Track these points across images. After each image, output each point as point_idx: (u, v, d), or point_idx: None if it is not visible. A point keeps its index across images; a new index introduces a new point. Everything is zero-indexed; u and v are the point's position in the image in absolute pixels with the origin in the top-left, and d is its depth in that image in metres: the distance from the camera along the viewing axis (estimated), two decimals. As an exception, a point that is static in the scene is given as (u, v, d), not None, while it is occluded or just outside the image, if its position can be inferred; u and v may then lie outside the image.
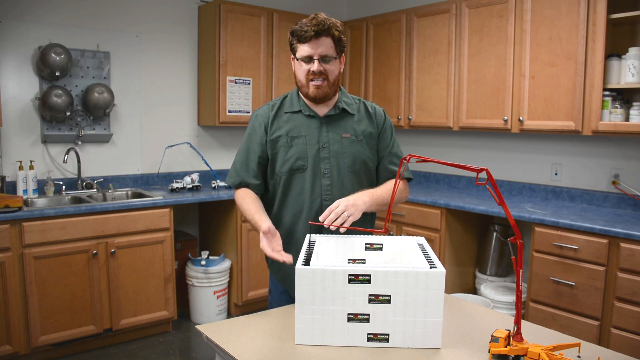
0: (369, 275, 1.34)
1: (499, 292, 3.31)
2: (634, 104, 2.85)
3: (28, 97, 3.40)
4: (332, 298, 1.35)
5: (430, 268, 1.36)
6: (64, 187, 3.50)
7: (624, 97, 2.97)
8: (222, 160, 4.28)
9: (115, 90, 3.66)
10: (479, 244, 3.73)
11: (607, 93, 2.90)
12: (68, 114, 3.41)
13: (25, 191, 3.30)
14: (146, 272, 3.32)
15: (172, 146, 3.99)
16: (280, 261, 1.57)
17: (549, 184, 3.53)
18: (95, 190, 3.59)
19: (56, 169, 3.55)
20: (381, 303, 1.35)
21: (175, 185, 3.70)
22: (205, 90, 4.04)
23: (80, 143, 3.60)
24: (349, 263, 1.64)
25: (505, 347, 1.28)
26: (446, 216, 3.42)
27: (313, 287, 1.35)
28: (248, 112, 4.03)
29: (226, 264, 3.74)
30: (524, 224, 3.34)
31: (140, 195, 3.59)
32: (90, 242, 3.08)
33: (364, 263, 1.63)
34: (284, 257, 1.58)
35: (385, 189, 1.82)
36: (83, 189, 3.57)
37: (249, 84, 4.01)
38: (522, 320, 1.45)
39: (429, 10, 3.79)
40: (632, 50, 2.81)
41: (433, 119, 3.82)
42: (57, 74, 3.32)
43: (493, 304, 3.22)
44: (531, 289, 2.94)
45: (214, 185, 3.92)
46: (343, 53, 1.81)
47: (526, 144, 3.64)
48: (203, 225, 4.20)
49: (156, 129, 3.96)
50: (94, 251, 3.09)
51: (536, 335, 1.48)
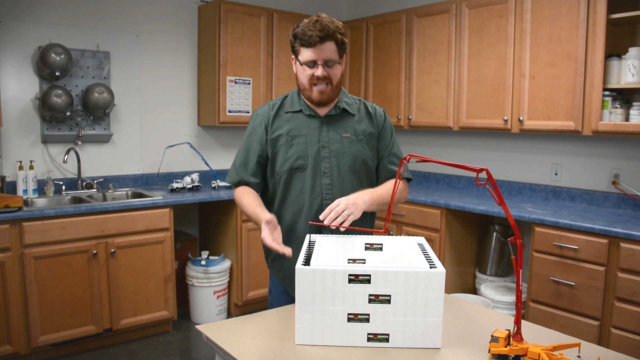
0: (369, 275, 1.34)
1: (499, 292, 3.31)
2: (634, 104, 2.85)
3: (28, 97, 3.40)
4: (332, 298, 1.35)
5: (430, 268, 1.36)
6: (64, 187, 3.50)
7: (624, 97, 2.97)
8: (222, 160, 4.28)
9: (115, 90, 3.67)
10: (479, 244, 3.73)
11: (607, 93, 2.90)
12: (68, 114, 3.41)
13: (25, 191, 3.30)
14: (146, 272, 3.32)
15: (172, 146, 3.99)
16: (280, 252, 1.58)
17: (549, 184, 3.53)
18: (95, 190, 3.59)
19: (56, 169, 3.56)
20: (381, 303, 1.35)
21: (175, 185, 3.70)
22: (205, 90, 4.04)
23: (80, 143, 3.60)
24: (349, 263, 1.64)
25: (505, 347, 1.28)
26: (446, 216, 3.42)
27: (313, 287, 1.35)
28: (248, 112, 4.03)
29: (226, 264, 3.74)
30: (524, 224, 3.34)
31: (140, 195, 3.59)
32: (90, 242, 3.08)
33: (364, 263, 1.63)
34: (284, 249, 1.58)
35: (386, 188, 1.82)
36: (83, 189, 3.57)
37: (249, 84, 4.01)
38: (522, 320, 1.45)
39: (429, 10, 3.79)
40: (632, 50, 2.81)
41: (433, 119, 3.82)
42: (57, 74, 3.32)
43: (493, 304, 3.22)
44: (531, 289, 2.94)
45: (214, 185, 3.92)
46: (344, 55, 1.81)
47: (526, 144, 3.64)
48: (203, 225, 4.20)
49: (156, 129, 3.97)
50: (94, 251, 3.09)
51: (536, 335, 1.48)
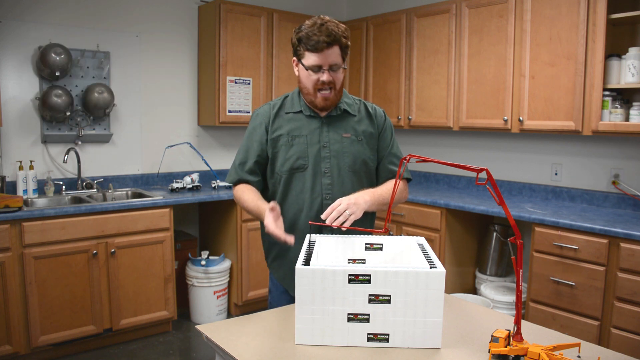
0: (369, 275, 1.34)
1: (499, 292, 3.31)
2: (634, 104, 2.85)
3: (28, 97, 3.40)
4: (332, 298, 1.35)
5: (430, 268, 1.36)
6: (64, 187, 3.50)
7: (624, 97, 2.97)
8: (222, 160, 4.28)
9: (115, 90, 3.67)
10: (479, 244, 3.73)
11: (607, 93, 2.90)
12: (68, 114, 3.41)
13: (25, 191, 3.30)
14: (146, 272, 3.32)
15: (172, 146, 3.99)
16: (282, 240, 1.59)
17: (549, 184, 3.53)
18: (95, 190, 3.59)
19: (56, 169, 3.55)
20: (381, 303, 1.35)
21: (175, 185, 3.70)
22: (205, 90, 4.04)
23: (80, 143, 3.60)
24: (349, 263, 1.64)
25: (505, 347, 1.28)
26: (446, 216, 3.42)
27: (313, 287, 1.35)
28: (248, 112, 4.03)
29: (226, 264, 3.74)
30: (524, 224, 3.34)
31: (140, 195, 3.59)
32: (90, 242, 3.08)
33: (364, 263, 1.63)
34: (287, 237, 1.60)
35: (386, 188, 1.82)
36: (83, 189, 3.57)
37: (249, 84, 4.01)
38: (522, 320, 1.45)
39: (429, 10, 3.79)
40: (632, 50, 2.81)
41: (433, 119, 3.82)
42: (57, 74, 3.32)
43: (493, 304, 3.22)
44: (531, 289, 2.94)
45: (214, 185, 3.92)
46: (347, 57, 1.82)
47: (526, 144, 3.64)
48: (203, 225, 4.20)
49: (156, 129, 3.97)
50: (94, 251, 3.09)
51: (536, 335, 1.48)
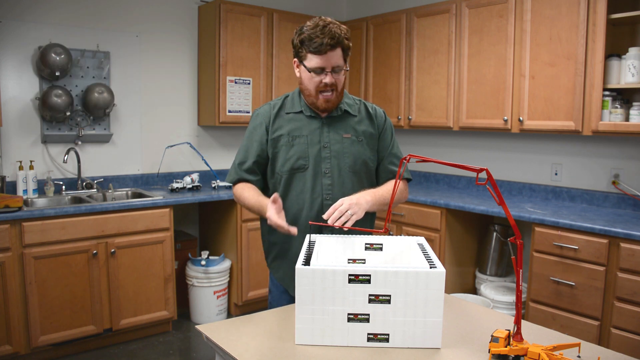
0: (369, 275, 1.34)
1: (499, 292, 3.31)
2: (634, 104, 2.85)
3: (28, 97, 3.40)
4: (332, 298, 1.35)
5: (430, 268, 1.36)
6: (64, 187, 3.50)
7: (624, 97, 2.97)
8: (222, 160, 4.28)
9: (115, 90, 3.66)
10: (479, 244, 3.73)
11: (607, 93, 2.90)
12: (68, 114, 3.41)
13: (25, 191, 3.30)
14: (146, 272, 3.32)
15: (172, 146, 3.99)
16: (285, 229, 1.61)
17: (549, 184, 3.53)
18: (95, 190, 3.59)
19: (56, 169, 3.55)
20: (381, 303, 1.35)
21: (175, 185, 3.70)
22: (205, 90, 4.04)
23: (80, 143, 3.60)
24: (349, 263, 1.63)
25: (505, 347, 1.28)
26: (446, 216, 3.42)
27: (313, 287, 1.35)
28: (248, 112, 4.03)
29: (226, 264, 3.74)
30: (524, 224, 3.34)
31: (140, 195, 3.59)
32: (90, 242, 3.08)
33: (364, 263, 1.63)
34: (290, 228, 1.62)
35: (387, 189, 1.82)
36: (83, 189, 3.57)
37: (249, 84, 4.01)
38: (522, 320, 1.45)
39: (429, 10, 3.79)
40: (632, 50, 2.81)
41: (433, 119, 3.82)
42: (57, 74, 3.32)
43: (493, 304, 3.22)
44: (531, 289, 2.94)
45: (214, 185, 3.92)
46: (348, 58, 1.82)
47: (526, 144, 3.64)
48: (203, 225, 4.20)
49: (156, 129, 3.97)
50: (94, 251, 3.09)
51: (536, 335, 1.48)
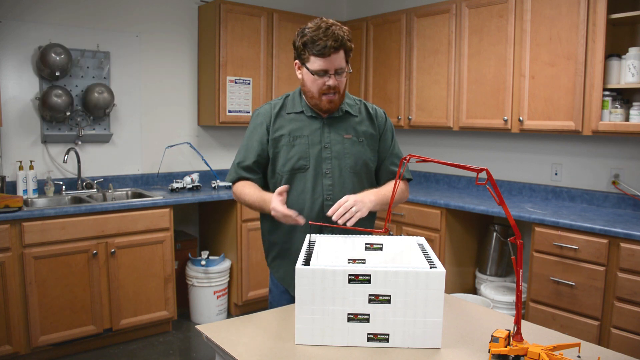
0: (369, 275, 1.34)
1: (499, 292, 3.31)
2: (634, 104, 2.85)
3: (28, 97, 3.40)
4: (332, 298, 1.35)
5: (430, 268, 1.36)
6: (64, 187, 3.50)
7: (624, 97, 2.97)
8: (222, 160, 4.28)
9: (115, 90, 3.66)
10: (479, 244, 3.73)
11: (607, 93, 2.90)
12: (68, 114, 3.41)
13: (25, 191, 3.30)
14: (146, 272, 3.32)
15: (172, 146, 3.99)
16: (293, 218, 1.63)
17: (549, 184, 3.53)
18: (95, 190, 3.59)
19: (56, 169, 3.55)
20: (381, 303, 1.35)
21: (175, 185, 3.70)
22: (205, 90, 4.04)
23: (80, 143, 3.60)
24: (349, 263, 1.63)
25: (505, 347, 1.28)
26: (446, 216, 3.42)
27: (313, 287, 1.35)
28: (248, 112, 4.03)
29: (226, 264, 3.74)
30: (524, 224, 3.34)
31: (140, 195, 3.59)
32: (90, 242, 3.08)
33: (364, 263, 1.63)
34: (299, 218, 1.63)
35: (389, 189, 1.83)
36: (83, 189, 3.57)
37: (249, 84, 4.01)
38: (522, 320, 1.45)
39: (429, 10, 3.79)
40: (632, 50, 2.81)
41: (433, 119, 3.82)
42: (57, 74, 3.32)
43: (493, 304, 3.22)
44: (531, 289, 2.94)
45: (214, 185, 3.92)
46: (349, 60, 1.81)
47: (526, 144, 3.64)
48: (203, 225, 4.20)
49: (156, 129, 3.96)
50: (94, 251, 3.09)
51: (536, 335, 1.48)
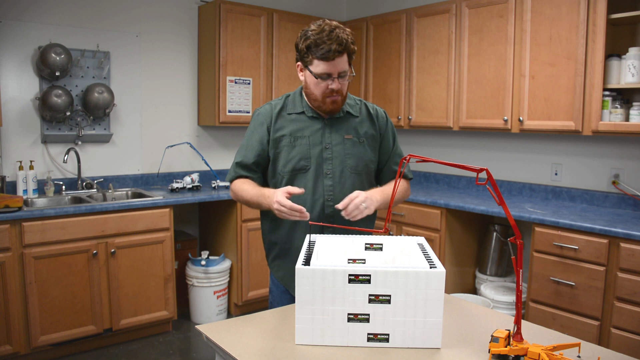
0: (369, 275, 1.34)
1: (499, 292, 3.31)
2: (634, 104, 2.85)
3: (28, 97, 3.40)
4: (332, 298, 1.35)
5: (430, 268, 1.36)
6: (64, 187, 3.50)
7: (624, 97, 2.97)
8: (222, 160, 4.28)
9: (115, 90, 3.66)
10: (479, 244, 3.72)
11: (607, 93, 2.90)
12: (68, 114, 3.41)
13: (25, 191, 3.30)
14: (146, 272, 3.32)
15: (172, 146, 3.99)
16: (298, 213, 1.61)
17: (549, 184, 3.53)
18: (95, 190, 3.59)
19: (56, 169, 3.55)
20: (381, 303, 1.35)
21: (175, 185, 3.70)
22: (205, 90, 4.04)
23: (80, 143, 3.60)
24: (349, 263, 1.63)
25: (505, 347, 1.28)
26: (446, 216, 3.42)
27: (313, 287, 1.35)
28: (248, 112, 4.03)
29: (226, 264, 3.74)
30: (524, 224, 3.34)
31: (140, 195, 3.59)
32: (90, 242, 3.08)
33: (364, 263, 1.63)
34: (305, 214, 1.62)
35: (392, 188, 1.83)
36: (83, 189, 3.57)
37: (249, 84, 4.01)
38: (522, 320, 1.45)
39: (429, 10, 3.79)
40: (632, 50, 2.81)
41: (433, 119, 3.82)
42: (57, 74, 3.32)
43: (493, 304, 3.22)
44: (531, 289, 2.94)
45: (214, 185, 3.92)
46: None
47: (526, 144, 3.64)
48: (203, 225, 4.20)
49: (156, 129, 3.96)
50: (94, 251, 3.09)
51: (536, 335, 1.48)
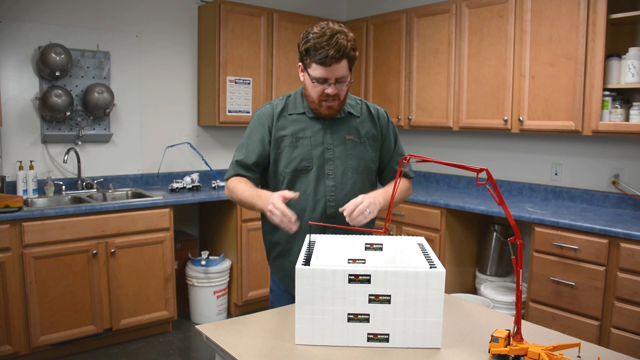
0: (369, 275, 1.34)
1: (499, 292, 3.31)
2: (634, 104, 2.85)
3: (28, 97, 3.40)
4: (332, 298, 1.35)
5: (430, 268, 1.36)
6: (64, 187, 3.50)
7: (624, 97, 2.97)
8: (222, 160, 4.28)
9: (115, 90, 3.66)
10: (479, 244, 3.72)
11: (607, 93, 2.90)
12: (68, 114, 3.41)
13: (25, 191, 3.30)
14: (146, 272, 3.32)
15: (172, 146, 3.99)
16: (289, 220, 1.57)
17: (549, 184, 3.53)
18: (95, 190, 3.59)
19: (56, 169, 3.55)
20: (381, 303, 1.35)
21: (175, 185, 3.70)
22: (205, 90, 4.04)
23: (80, 143, 3.60)
24: (349, 263, 1.63)
25: (505, 347, 1.28)
26: (446, 216, 3.42)
27: (313, 287, 1.35)
28: (248, 112, 4.03)
29: (226, 264, 3.74)
30: (524, 224, 3.34)
31: (140, 195, 3.59)
32: (90, 242, 3.08)
33: (364, 263, 1.63)
34: (294, 225, 1.58)
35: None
36: (83, 189, 3.57)
37: (249, 84, 4.01)
38: (522, 320, 1.45)
39: (429, 10, 3.79)
40: (632, 50, 2.81)
41: (433, 119, 3.82)
42: (57, 74, 3.32)
43: (493, 304, 3.22)
44: (531, 289, 2.94)
45: (214, 185, 3.92)
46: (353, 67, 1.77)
47: (526, 144, 3.64)
48: (203, 225, 4.20)
49: (156, 129, 3.96)
50: (94, 251, 3.09)
51: (536, 335, 1.48)
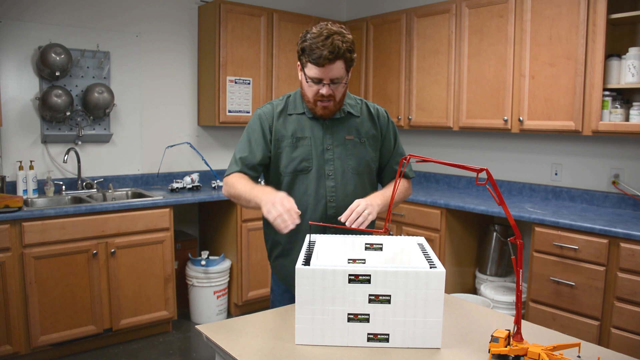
0: (369, 275, 1.34)
1: (499, 292, 3.31)
2: (634, 104, 2.85)
3: (28, 97, 3.40)
4: (332, 298, 1.35)
5: (430, 268, 1.36)
6: (64, 187, 3.50)
7: (624, 97, 2.97)
8: (222, 160, 4.28)
9: (115, 90, 3.66)
10: (479, 244, 3.72)
11: (607, 93, 2.90)
12: (68, 114, 3.41)
13: (25, 191, 3.30)
14: (146, 272, 3.32)
15: (172, 146, 3.99)
16: (288, 217, 1.53)
17: (549, 184, 3.53)
18: (95, 190, 3.59)
19: (56, 169, 3.55)
20: (381, 303, 1.35)
21: (175, 185, 3.70)
22: (205, 90, 4.04)
23: (80, 143, 3.60)
24: (349, 263, 1.64)
25: (505, 347, 1.28)
26: (446, 216, 3.42)
27: (313, 287, 1.35)
28: (248, 112, 4.03)
29: (226, 264, 3.74)
30: (524, 224, 3.34)
31: (140, 195, 3.59)
32: (90, 242, 3.08)
33: (364, 263, 1.63)
34: (291, 224, 1.53)
35: (392, 189, 1.82)
36: (83, 189, 3.57)
37: (249, 84, 4.01)
38: (522, 320, 1.45)
39: (429, 10, 3.79)
40: (632, 50, 2.81)
41: (433, 119, 3.82)
42: (57, 74, 3.32)
43: (493, 304, 3.22)
44: (531, 289, 2.94)
45: (214, 185, 3.92)
46: (351, 68, 1.75)
47: (526, 144, 3.64)
48: (203, 225, 4.20)
49: (156, 129, 3.96)
50: (94, 251, 3.09)
51: (536, 335, 1.48)
